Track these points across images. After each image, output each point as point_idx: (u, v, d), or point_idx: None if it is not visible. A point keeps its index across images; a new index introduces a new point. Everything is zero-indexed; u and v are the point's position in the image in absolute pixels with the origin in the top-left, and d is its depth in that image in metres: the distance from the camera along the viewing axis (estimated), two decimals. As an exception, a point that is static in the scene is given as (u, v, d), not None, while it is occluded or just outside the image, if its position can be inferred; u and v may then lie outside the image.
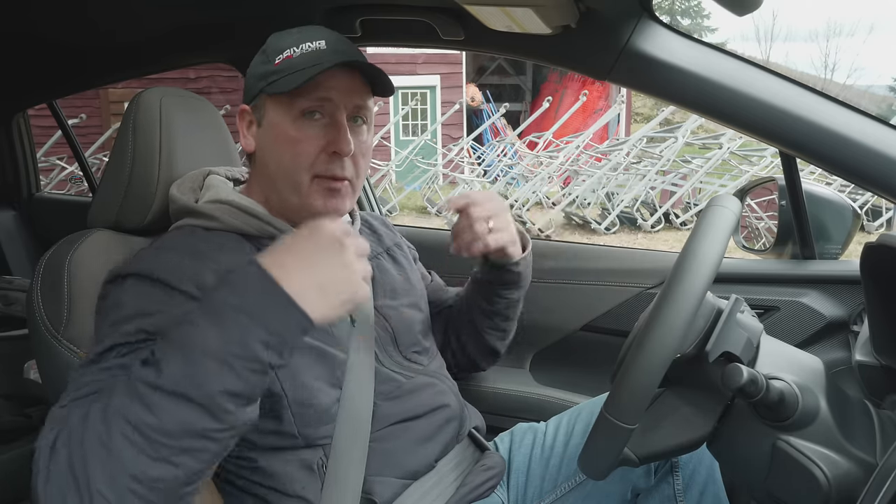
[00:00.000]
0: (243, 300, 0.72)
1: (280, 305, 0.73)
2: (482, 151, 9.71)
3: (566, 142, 8.60)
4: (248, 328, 0.71)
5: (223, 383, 0.71)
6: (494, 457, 1.15)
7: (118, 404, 0.71)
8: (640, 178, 7.49)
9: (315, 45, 0.99)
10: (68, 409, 0.76)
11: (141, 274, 0.89)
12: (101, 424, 0.70)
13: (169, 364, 0.71)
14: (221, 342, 0.71)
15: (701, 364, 0.84)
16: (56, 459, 0.71)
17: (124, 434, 0.69)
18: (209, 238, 0.97)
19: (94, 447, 0.70)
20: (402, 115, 10.74)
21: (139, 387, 0.71)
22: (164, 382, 0.70)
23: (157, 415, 0.70)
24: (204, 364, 0.70)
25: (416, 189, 8.95)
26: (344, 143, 0.98)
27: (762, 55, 26.34)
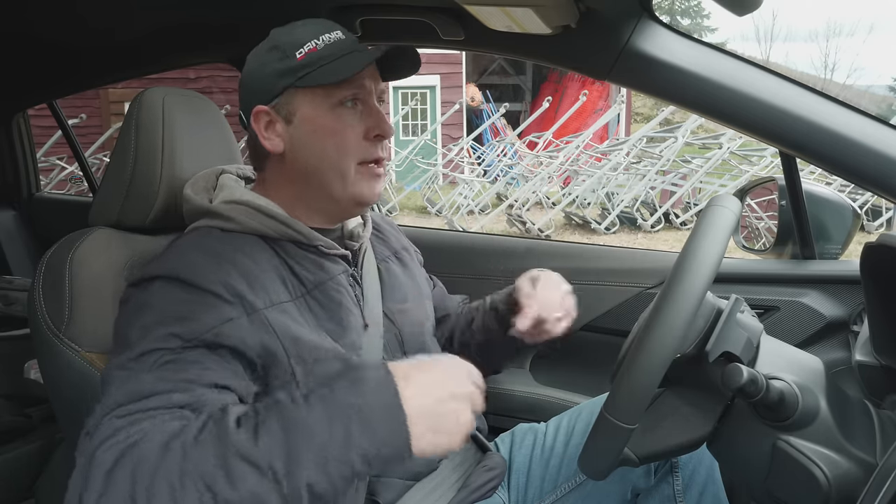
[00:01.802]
0: (362, 403, 0.70)
1: (393, 425, 0.70)
2: (482, 151, 9.71)
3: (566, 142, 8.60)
4: (355, 435, 0.69)
5: (313, 479, 0.68)
6: (495, 457, 1.15)
7: (200, 460, 0.69)
8: (640, 178, 7.49)
9: (333, 36, 1.01)
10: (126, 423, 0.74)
11: (168, 276, 0.88)
12: (176, 471, 0.68)
13: (269, 436, 0.69)
14: (326, 437, 0.69)
15: (701, 364, 0.84)
16: (117, 480, 0.69)
17: (198, 492, 0.67)
18: (228, 240, 0.96)
19: (163, 490, 0.68)
20: (402, 115, 10.74)
21: (229, 451, 0.69)
22: (257, 456, 0.68)
23: (238, 489, 0.67)
24: (302, 453, 0.68)
25: (416, 189, 8.95)
26: (386, 126, 1.01)
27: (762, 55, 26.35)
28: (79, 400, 0.98)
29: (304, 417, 0.69)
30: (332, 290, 1.00)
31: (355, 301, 1.03)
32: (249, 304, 0.89)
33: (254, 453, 0.68)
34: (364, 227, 1.12)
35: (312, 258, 1.00)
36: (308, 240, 1.00)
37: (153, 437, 0.72)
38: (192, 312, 0.85)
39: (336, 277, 1.02)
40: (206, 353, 0.83)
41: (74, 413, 1.00)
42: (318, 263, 1.00)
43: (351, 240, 1.09)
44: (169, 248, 0.96)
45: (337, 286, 1.01)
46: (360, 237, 1.10)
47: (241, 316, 0.87)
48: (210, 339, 0.84)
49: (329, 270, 1.01)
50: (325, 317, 0.97)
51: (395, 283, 1.14)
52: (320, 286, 0.99)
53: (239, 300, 0.88)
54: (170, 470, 0.68)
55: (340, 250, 1.04)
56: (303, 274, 0.98)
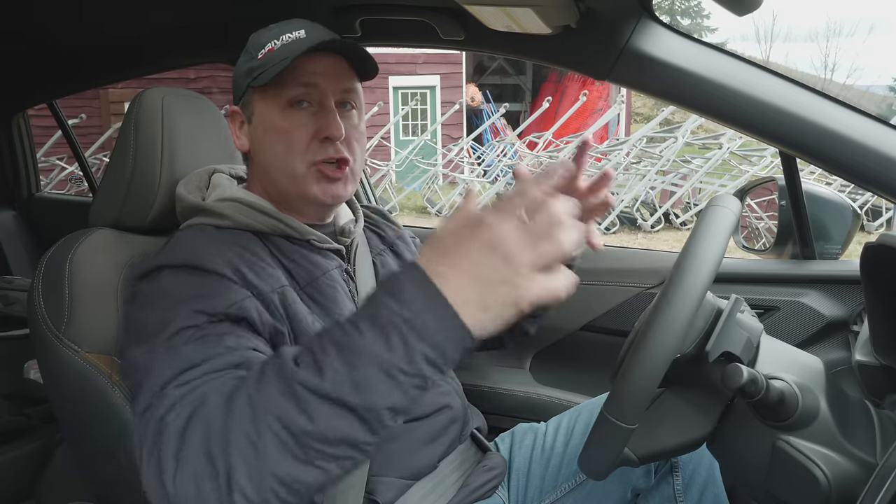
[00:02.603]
0: (409, 311, 0.65)
1: (444, 320, 0.65)
2: (482, 151, 9.71)
3: (566, 142, 8.61)
4: (413, 343, 0.65)
5: (389, 398, 0.65)
6: (496, 457, 1.15)
7: (267, 400, 0.67)
8: (640, 178, 7.49)
9: (294, 35, 1.00)
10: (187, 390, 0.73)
11: (173, 265, 0.89)
12: (248, 418, 0.67)
13: (333, 368, 0.66)
14: (388, 354, 0.64)
15: (701, 364, 0.84)
16: (190, 444, 0.68)
17: (275, 433, 0.66)
18: (222, 236, 0.97)
19: (240, 441, 0.66)
20: (402, 115, 10.74)
21: (297, 388, 0.66)
22: (328, 388, 0.65)
23: (314, 421, 0.65)
24: (371, 374, 0.65)
25: (416, 189, 8.95)
26: (334, 127, 0.98)
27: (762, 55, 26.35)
28: (78, 400, 0.98)
29: (359, 341, 0.65)
30: (326, 285, 1.00)
31: (349, 296, 1.03)
32: (256, 289, 0.90)
33: (322, 388, 0.65)
34: (356, 223, 1.13)
35: (305, 253, 1.01)
36: (300, 234, 1.01)
37: (216, 395, 0.71)
38: (210, 291, 0.85)
39: (329, 273, 1.02)
40: (232, 326, 0.84)
41: (74, 413, 1.01)
42: (310, 259, 1.01)
43: (343, 235, 1.09)
44: (167, 244, 0.97)
45: (330, 281, 1.01)
46: (352, 232, 1.10)
47: (252, 297, 0.88)
48: (234, 313, 0.84)
49: (322, 266, 1.02)
50: (319, 312, 0.97)
51: None
52: (313, 282, 0.99)
53: (246, 284, 0.89)
54: (241, 419, 0.67)
55: (333, 244, 1.05)
56: (295, 270, 0.99)
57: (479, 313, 0.64)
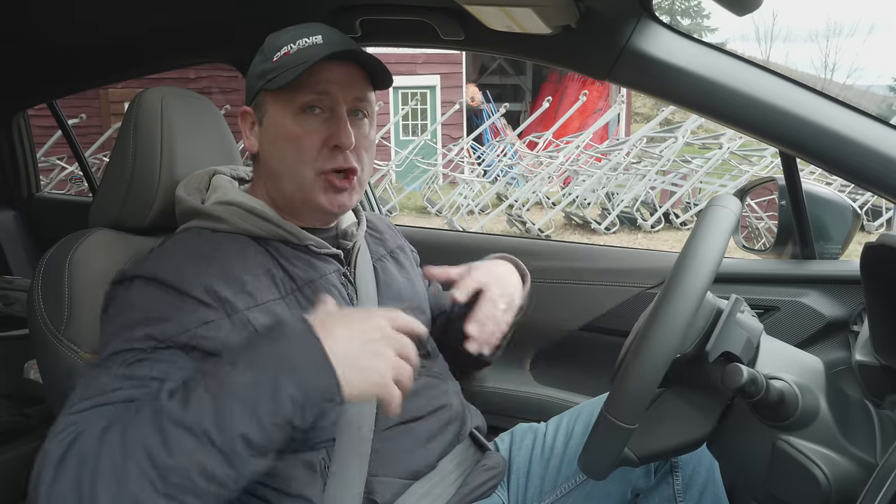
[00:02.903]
0: (284, 351, 0.74)
1: (316, 366, 0.74)
2: (482, 151, 9.71)
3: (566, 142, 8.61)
4: (280, 380, 0.72)
5: (244, 428, 0.71)
6: (495, 457, 1.15)
7: (138, 432, 0.71)
8: (640, 178, 7.49)
9: (311, 40, 1.00)
10: (80, 419, 0.76)
11: (146, 276, 0.89)
12: (117, 449, 0.71)
13: (197, 401, 0.72)
14: (253, 388, 0.71)
15: (701, 364, 0.83)
16: (65, 469, 0.71)
17: (139, 465, 0.70)
18: (216, 240, 0.97)
19: (106, 470, 0.70)
20: (402, 115, 10.75)
21: (163, 420, 0.71)
22: (189, 419, 0.71)
23: (173, 452, 0.70)
24: (231, 407, 0.71)
25: (416, 189, 8.95)
26: (344, 136, 0.98)
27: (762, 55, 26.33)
28: (78, 400, 0.98)
29: (230, 376, 0.72)
30: (323, 288, 1.00)
31: (347, 300, 1.03)
32: (230, 306, 0.90)
33: (184, 417, 0.71)
34: (358, 227, 1.13)
35: (304, 258, 1.01)
36: (298, 239, 1.01)
37: (96, 424, 0.74)
38: (169, 314, 0.86)
39: (327, 276, 1.02)
40: (179, 354, 0.85)
41: (74, 413, 1.00)
42: (309, 262, 1.01)
43: (345, 239, 1.09)
44: (156, 248, 0.97)
45: (327, 285, 1.01)
46: (354, 236, 1.10)
47: (221, 318, 0.88)
48: (184, 342, 0.85)
49: (320, 269, 1.02)
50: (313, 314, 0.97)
51: (391, 282, 1.14)
52: (310, 283, 0.99)
53: (219, 303, 0.89)
54: (111, 449, 0.71)
55: (332, 249, 1.05)
56: (293, 271, 0.99)
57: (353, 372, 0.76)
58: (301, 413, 0.73)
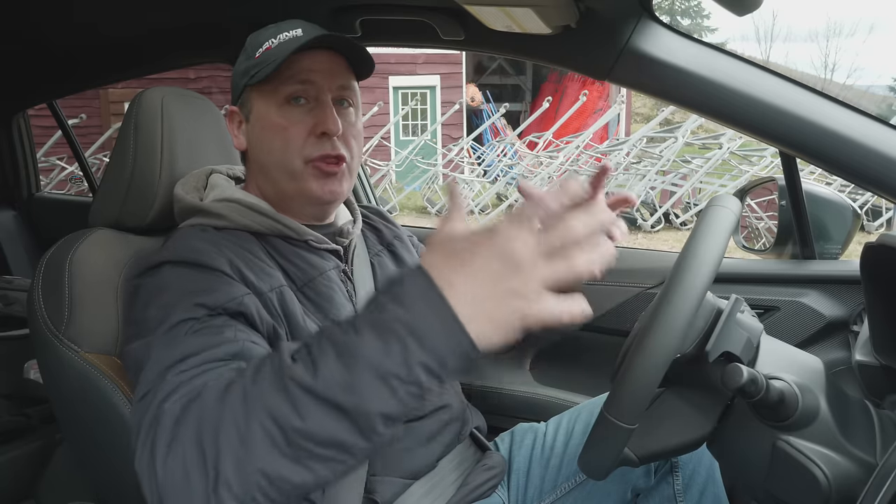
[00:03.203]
0: (411, 317, 0.63)
1: (448, 329, 0.63)
2: (482, 151, 9.71)
3: (566, 142, 8.61)
4: (413, 350, 0.63)
5: (382, 404, 0.63)
6: (495, 457, 1.15)
7: (261, 394, 0.66)
8: (640, 178, 7.49)
9: (292, 34, 1.01)
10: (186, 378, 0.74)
11: (174, 260, 0.90)
12: (240, 411, 0.66)
13: (327, 368, 0.64)
14: (385, 359, 0.63)
15: (701, 364, 0.84)
16: (184, 432, 0.68)
17: (265, 428, 0.65)
18: (221, 236, 0.97)
19: (230, 433, 0.66)
20: (402, 115, 10.75)
21: (290, 384, 0.65)
22: (320, 387, 0.64)
23: (304, 419, 0.64)
24: (365, 378, 0.63)
25: (416, 189, 8.95)
26: (331, 122, 0.98)
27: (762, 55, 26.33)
28: (78, 400, 0.98)
29: (357, 344, 0.64)
30: (323, 285, 1.00)
31: (347, 297, 1.03)
32: (255, 287, 0.91)
33: (314, 386, 0.64)
34: (354, 224, 1.13)
35: (302, 254, 1.01)
36: (298, 235, 1.01)
37: (213, 385, 0.71)
38: (211, 286, 0.86)
39: (326, 273, 1.02)
40: (230, 320, 0.84)
41: (74, 413, 1.01)
42: (307, 259, 1.01)
43: (341, 236, 1.09)
44: (167, 241, 0.98)
45: (328, 282, 1.01)
46: (350, 233, 1.10)
47: (251, 294, 0.89)
48: (233, 308, 0.85)
49: (319, 266, 1.02)
50: (315, 312, 0.98)
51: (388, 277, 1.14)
52: (310, 282, 0.99)
53: (245, 282, 0.90)
54: (233, 410, 0.66)
55: (331, 245, 1.05)
56: (292, 270, 0.99)
57: (484, 324, 0.63)
58: (437, 378, 0.64)
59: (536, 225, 0.63)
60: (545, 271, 0.62)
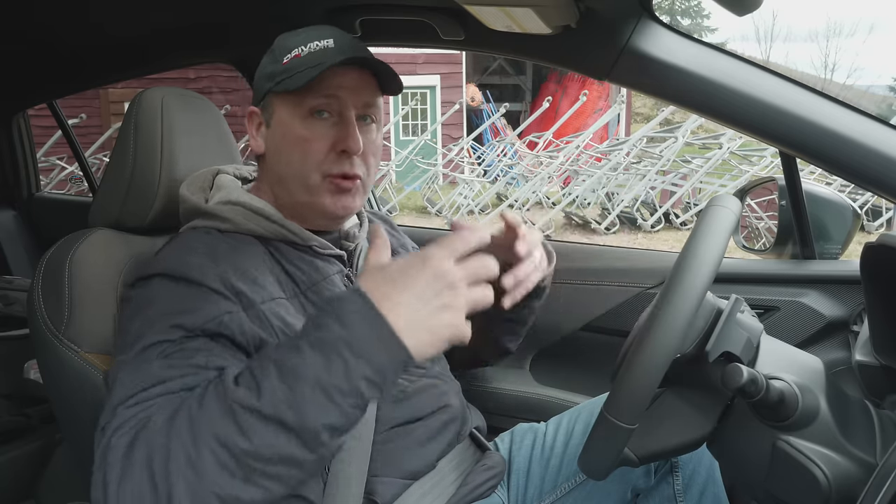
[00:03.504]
0: (350, 333, 0.69)
1: (385, 342, 0.69)
2: (482, 151, 9.71)
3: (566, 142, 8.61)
4: (353, 363, 0.68)
5: (325, 417, 0.68)
6: (495, 457, 1.15)
7: (208, 419, 0.69)
8: (640, 178, 7.49)
9: (323, 44, 0.99)
10: (137, 411, 0.75)
11: (166, 273, 0.89)
12: (188, 437, 0.68)
13: (270, 388, 0.68)
14: (326, 374, 0.68)
15: (701, 364, 0.84)
16: (134, 462, 0.69)
17: (214, 453, 0.68)
18: (223, 239, 0.97)
19: (180, 460, 0.68)
20: (402, 115, 10.74)
21: (235, 407, 0.68)
22: (264, 407, 0.68)
23: (250, 439, 0.67)
24: (307, 394, 0.68)
25: (416, 189, 8.95)
26: (353, 141, 0.98)
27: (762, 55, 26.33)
28: (78, 400, 0.98)
29: (299, 362, 0.69)
30: (326, 290, 1.00)
31: None
32: (247, 300, 0.90)
33: (259, 407, 0.68)
34: (360, 228, 1.13)
35: (307, 259, 1.01)
36: (302, 240, 1.01)
37: (159, 416, 0.72)
38: (193, 305, 0.86)
39: (330, 278, 1.02)
40: (208, 342, 0.84)
41: (74, 413, 1.01)
42: (312, 264, 1.01)
43: (347, 240, 1.09)
44: (165, 247, 0.97)
45: (331, 287, 1.01)
46: (356, 238, 1.10)
47: (239, 311, 0.88)
48: (212, 329, 0.84)
49: (323, 271, 1.02)
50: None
51: None
52: (314, 287, 0.99)
53: (236, 296, 0.89)
54: (181, 439, 0.68)
55: (335, 251, 1.05)
56: (296, 275, 0.99)
57: (422, 335, 0.71)
58: (377, 390, 0.70)
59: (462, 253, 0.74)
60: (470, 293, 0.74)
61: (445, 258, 0.73)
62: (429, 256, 0.73)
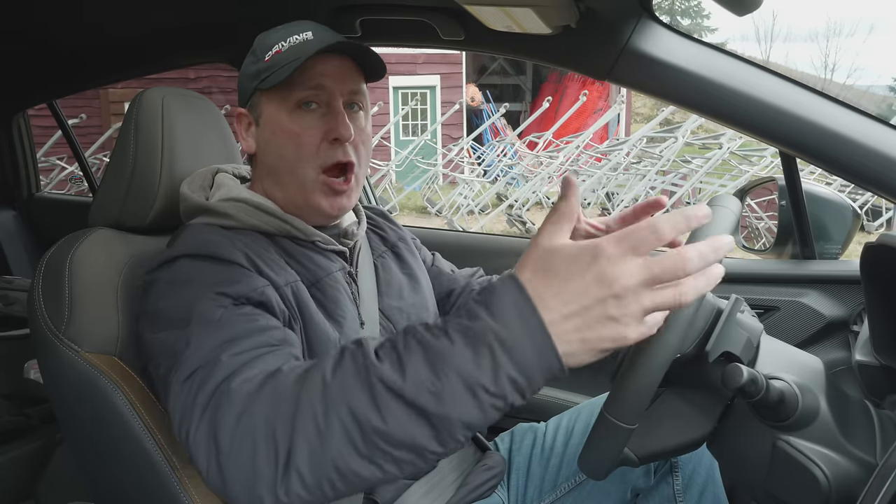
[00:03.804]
0: (503, 329, 0.62)
1: (538, 346, 0.62)
2: (482, 151, 9.71)
3: (566, 142, 8.61)
4: (502, 363, 0.62)
5: (466, 413, 0.63)
6: (495, 456, 1.15)
7: (343, 389, 0.66)
8: (640, 178, 7.48)
9: (302, 37, 1.00)
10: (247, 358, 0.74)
11: (190, 254, 0.90)
12: (319, 403, 0.66)
13: (416, 372, 0.63)
14: (475, 369, 0.62)
15: (701, 364, 0.84)
16: (256, 412, 0.68)
17: (343, 423, 0.65)
18: (229, 234, 0.97)
19: (307, 423, 0.66)
20: (402, 115, 10.74)
21: (375, 383, 0.64)
22: (406, 390, 0.63)
23: (387, 420, 0.64)
24: (454, 385, 0.62)
25: (416, 189, 8.95)
26: (343, 129, 0.98)
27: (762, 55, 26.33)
28: (78, 400, 0.98)
29: (448, 349, 0.63)
30: (329, 286, 1.00)
31: (352, 298, 1.03)
32: (272, 280, 0.91)
33: (402, 388, 0.63)
34: (358, 225, 1.13)
35: (310, 254, 1.01)
36: (305, 235, 1.01)
37: (289, 370, 0.71)
38: (231, 278, 0.86)
39: (333, 274, 1.02)
40: (257, 310, 0.85)
41: (74, 413, 1.00)
42: (314, 260, 1.01)
43: (346, 237, 1.09)
44: (177, 237, 0.98)
45: (334, 283, 1.01)
46: (355, 235, 1.10)
47: (269, 287, 0.90)
48: (256, 298, 0.86)
49: (326, 267, 1.02)
50: (323, 313, 0.97)
51: (391, 279, 1.14)
52: (317, 283, 0.99)
53: (263, 275, 0.91)
54: (311, 401, 0.67)
55: (338, 246, 1.05)
56: (300, 270, 0.99)
57: (574, 345, 0.63)
58: (520, 393, 0.64)
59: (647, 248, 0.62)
60: (647, 301, 0.61)
61: (623, 258, 0.61)
62: (599, 253, 0.61)
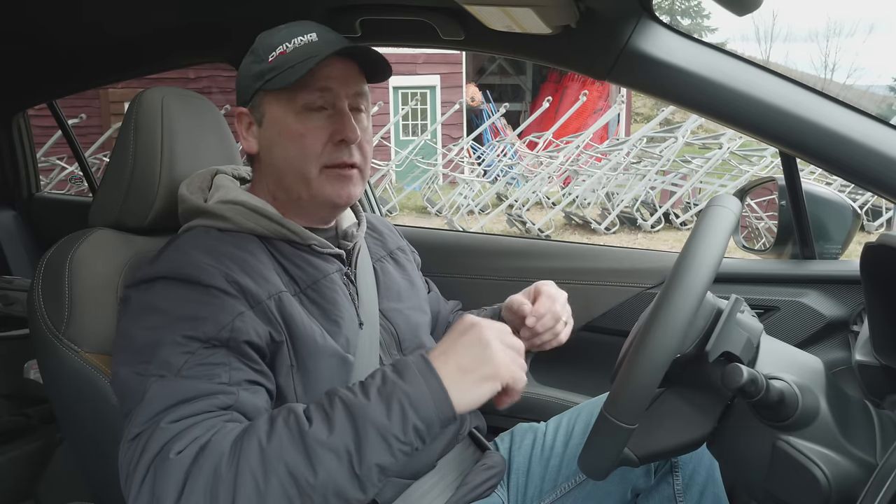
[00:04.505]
0: (412, 389, 0.80)
1: (438, 401, 0.80)
2: (482, 151, 9.71)
3: (566, 142, 8.61)
4: (408, 414, 0.78)
5: (381, 458, 0.77)
6: (495, 456, 1.15)
7: (279, 451, 0.75)
8: (640, 178, 7.49)
9: (307, 38, 1.00)
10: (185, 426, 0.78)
11: (169, 276, 0.89)
12: (258, 467, 0.74)
13: (341, 426, 0.77)
14: (386, 421, 0.78)
15: (701, 364, 0.83)
16: (196, 483, 0.73)
17: (281, 482, 0.74)
18: (225, 239, 0.97)
19: (248, 487, 0.73)
20: (402, 115, 10.74)
21: (308, 440, 0.76)
22: (336, 443, 0.76)
23: (317, 473, 0.75)
24: (371, 436, 0.77)
25: (416, 189, 8.95)
26: (350, 131, 0.99)
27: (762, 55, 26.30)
28: (78, 400, 0.98)
29: (366, 406, 0.78)
30: (326, 288, 1.00)
31: (350, 299, 1.03)
32: (252, 297, 0.90)
33: (331, 440, 0.76)
34: (358, 227, 1.13)
35: (306, 257, 1.01)
36: (302, 239, 1.01)
37: (223, 436, 0.77)
38: (203, 312, 0.86)
39: (330, 276, 1.02)
40: (227, 354, 0.85)
41: (74, 413, 1.01)
42: (311, 262, 1.01)
43: (345, 239, 1.09)
44: (166, 248, 0.97)
45: (331, 284, 1.01)
46: (354, 237, 1.10)
47: (247, 310, 0.89)
48: (226, 337, 0.85)
49: (323, 269, 1.02)
50: (319, 314, 0.97)
51: (391, 283, 1.14)
52: (314, 285, 0.99)
53: (242, 294, 0.89)
54: (249, 466, 0.74)
55: (334, 249, 1.05)
56: (296, 273, 0.99)
57: (464, 391, 0.82)
58: (421, 439, 0.80)
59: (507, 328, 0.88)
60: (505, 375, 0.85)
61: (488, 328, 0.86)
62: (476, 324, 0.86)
